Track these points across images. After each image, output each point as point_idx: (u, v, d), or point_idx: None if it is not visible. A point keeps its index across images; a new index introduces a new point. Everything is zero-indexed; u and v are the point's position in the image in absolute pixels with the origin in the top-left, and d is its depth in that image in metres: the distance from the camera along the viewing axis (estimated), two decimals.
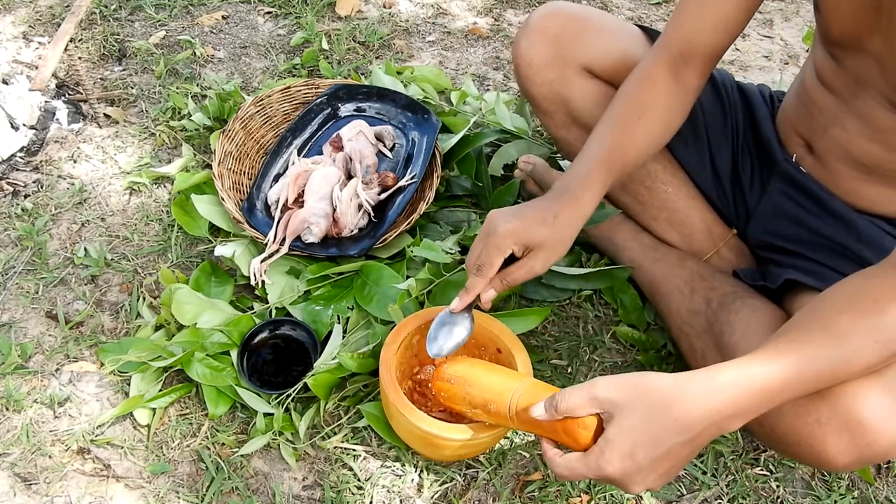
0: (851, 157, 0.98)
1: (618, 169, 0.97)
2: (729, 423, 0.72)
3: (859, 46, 0.89)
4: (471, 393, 0.92)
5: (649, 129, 0.99)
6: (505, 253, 0.92)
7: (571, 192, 0.95)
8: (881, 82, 0.89)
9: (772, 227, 1.11)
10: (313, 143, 1.42)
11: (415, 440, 1.01)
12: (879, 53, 0.87)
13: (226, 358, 1.12)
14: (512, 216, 0.93)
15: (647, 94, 1.00)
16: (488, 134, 1.42)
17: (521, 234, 0.92)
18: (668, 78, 1.00)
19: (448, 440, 0.94)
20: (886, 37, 0.85)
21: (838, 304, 0.75)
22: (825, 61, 0.96)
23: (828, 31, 0.93)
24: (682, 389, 0.71)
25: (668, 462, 0.71)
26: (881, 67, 0.88)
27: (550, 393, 0.80)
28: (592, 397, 0.73)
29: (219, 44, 1.75)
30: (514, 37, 1.18)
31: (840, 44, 0.92)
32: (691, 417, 0.70)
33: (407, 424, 0.94)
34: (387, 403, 0.99)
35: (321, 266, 1.22)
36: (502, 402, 0.86)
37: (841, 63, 0.94)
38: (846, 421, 0.77)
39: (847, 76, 0.94)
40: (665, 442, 0.70)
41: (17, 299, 1.22)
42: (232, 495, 1.02)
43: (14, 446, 1.05)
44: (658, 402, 0.70)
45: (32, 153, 1.47)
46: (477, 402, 0.91)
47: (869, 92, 0.91)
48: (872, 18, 0.85)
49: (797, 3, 2.05)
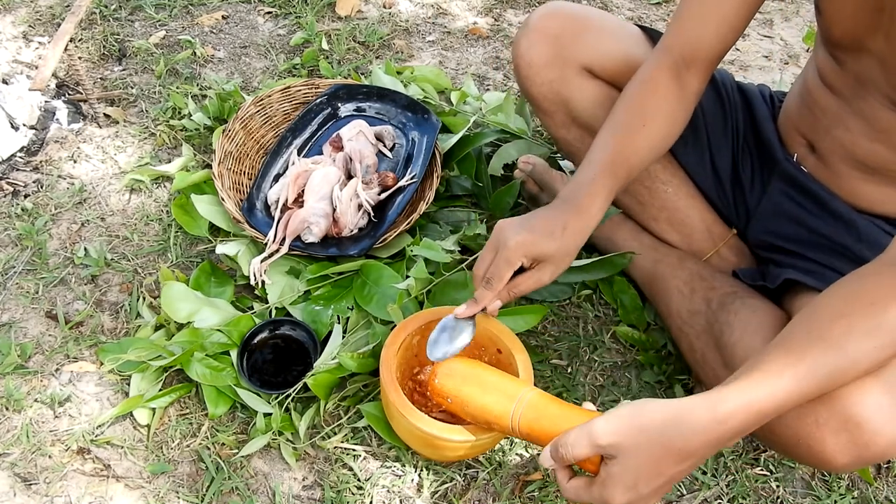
0: (854, 158, 0.98)
1: (623, 175, 0.97)
2: (728, 443, 0.74)
3: (861, 47, 0.89)
4: (470, 413, 0.92)
5: (652, 136, 0.99)
6: (515, 266, 0.92)
7: (579, 201, 0.94)
8: (884, 82, 0.89)
9: (772, 226, 1.11)
10: (313, 143, 1.42)
11: (415, 441, 1.01)
12: (881, 53, 0.87)
13: (226, 358, 1.12)
14: (521, 228, 0.92)
15: (649, 99, 0.99)
16: (488, 134, 1.42)
17: (530, 247, 0.92)
18: (671, 82, 0.99)
19: (448, 441, 0.94)
20: (888, 36, 0.85)
21: (835, 308, 0.75)
22: (827, 63, 0.96)
23: (829, 33, 0.93)
24: (683, 423, 0.72)
25: (668, 485, 0.74)
26: (883, 67, 0.88)
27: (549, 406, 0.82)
28: (595, 445, 0.74)
29: (219, 44, 1.75)
30: (514, 37, 1.18)
31: (842, 45, 0.92)
32: (692, 447, 0.72)
33: (407, 425, 0.94)
34: (387, 404, 0.99)
35: (321, 266, 1.22)
36: (503, 425, 0.88)
37: (843, 64, 0.94)
38: (845, 421, 0.77)
39: (849, 77, 0.94)
40: (666, 472, 0.73)
41: (17, 299, 1.22)
42: (232, 495, 1.02)
43: (14, 446, 1.05)
44: (659, 439, 0.72)
45: (32, 153, 1.47)
46: (479, 421, 0.92)
47: (871, 92, 0.91)
48: (874, 19, 0.85)
49: (797, 3, 2.05)
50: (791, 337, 0.75)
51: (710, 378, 1.01)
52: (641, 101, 0.99)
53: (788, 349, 0.74)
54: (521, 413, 0.86)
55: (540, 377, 1.16)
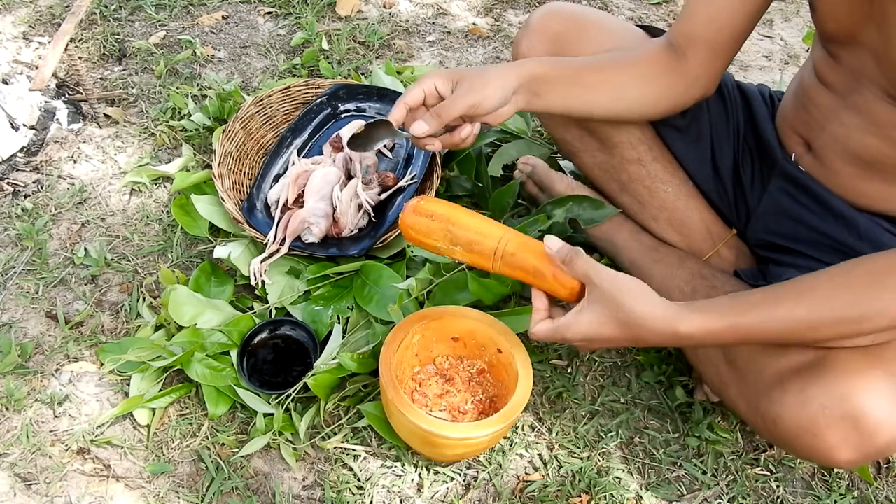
0: (850, 153, 0.98)
1: (537, 91, 1.01)
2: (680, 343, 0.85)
3: (854, 40, 0.90)
4: (453, 231, 0.92)
5: (627, 84, 1.04)
6: (426, 85, 0.97)
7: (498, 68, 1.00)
8: (878, 74, 0.89)
9: (772, 226, 1.11)
10: (313, 143, 1.42)
11: (415, 439, 1.01)
12: (874, 45, 0.87)
13: (226, 358, 1.12)
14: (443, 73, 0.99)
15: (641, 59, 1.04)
16: (488, 134, 1.42)
17: (444, 72, 0.98)
18: (668, 56, 1.03)
19: (447, 439, 0.94)
20: (881, 27, 0.85)
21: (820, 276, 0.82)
22: (823, 60, 0.97)
23: (824, 29, 0.94)
24: (646, 320, 0.82)
25: (613, 343, 0.87)
26: (877, 59, 0.88)
27: (537, 245, 0.90)
28: (585, 265, 0.86)
29: (219, 44, 1.75)
30: (515, 37, 1.18)
31: (836, 39, 0.93)
32: (644, 336, 0.84)
33: (407, 423, 0.95)
34: (387, 402, 0.99)
35: (321, 266, 1.22)
36: (488, 245, 0.91)
37: (838, 59, 0.94)
38: (847, 416, 0.77)
39: (844, 72, 0.94)
40: (616, 340, 0.85)
41: (17, 299, 1.22)
42: (232, 495, 1.02)
43: (14, 446, 1.05)
44: (624, 319, 0.83)
45: (32, 153, 1.47)
46: (460, 241, 0.92)
47: (866, 86, 0.92)
48: (866, 10, 0.86)
49: (797, 3, 2.05)
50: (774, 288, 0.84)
51: (712, 377, 1.01)
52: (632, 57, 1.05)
53: (766, 295, 0.82)
54: (511, 238, 0.91)
55: (540, 377, 1.16)
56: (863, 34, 0.88)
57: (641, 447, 1.11)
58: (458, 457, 1.05)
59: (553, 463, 1.08)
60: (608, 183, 1.23)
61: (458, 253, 0.93)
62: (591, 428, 1.12)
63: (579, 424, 1.12)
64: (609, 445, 1.10)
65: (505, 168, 1.43)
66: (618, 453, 1.10)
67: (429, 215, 0.94)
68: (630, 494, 1.05)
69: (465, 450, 1.00)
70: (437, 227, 0.93)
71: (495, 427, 0.94)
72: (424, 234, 0.94)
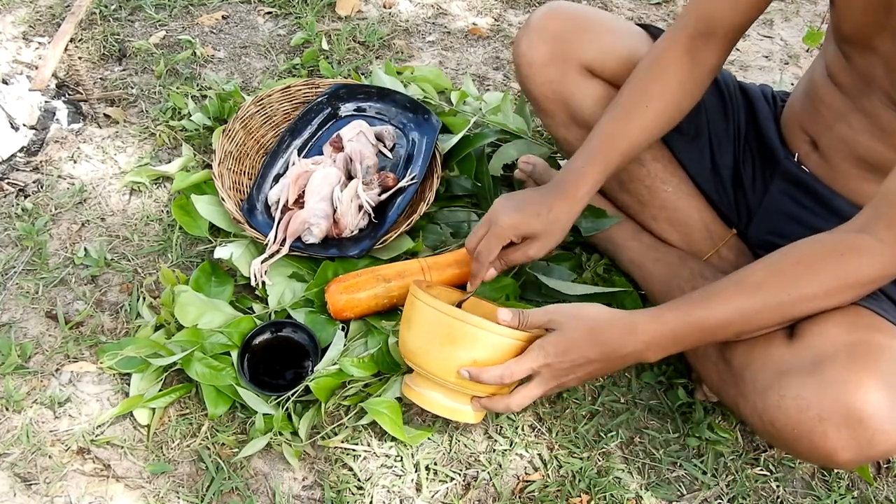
0: (856, 155, 0.98)
1: (615, 160, 1.03)
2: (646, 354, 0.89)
3: (868, 45, 0.89)
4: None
5: (653, 118, 1.04)
6: (504, 242, 1.04)
7: (566, 186, 1.04)
8: (887, 82, 0.89)
9: (773, 226, 1.11)
10: (313, 143, 1.42)
11: (434, 342, 0.94)
12: (887, 53, 0.87)
13: (226, 358, 1.12)
14: (512, 209, 1.04)
15: (656, 80, 1.03)
16: (488, 134, 1.42)
17: (519, 226, 1.03)
18: (683, 59, 1.02)
19: (475, 328, 0.91)
20: (894, 37, 0.85)
21: (755, 267, 0.87)
22: (836, 58, 0.97)
23: (840, 27, 0.93)
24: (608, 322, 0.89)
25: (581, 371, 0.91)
26: (887, 68, 0.88)
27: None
28: (547, 314, 0.92)
29: (219, 44, 1.75)
30: (515, 37, 1.18)
31: (851, 41, 0.93)
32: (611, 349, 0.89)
33: (431, 318, 0.93)
34: (411, 304, 0.96)
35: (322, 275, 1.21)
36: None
37: (851, 60, 0.94)
38: (847, 416, 0.77)
39: (855, 74, 0.94)
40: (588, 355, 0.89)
41: (17, 299, 1.22)
42: (232, 495, 1.02)
43: (14, 446, 1.05)
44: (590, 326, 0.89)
45: (32, 153, 1.47)
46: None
47: (875, 91, 0.92)
48: (882, 17, 0.85)
49: (797, 3, 2.05)
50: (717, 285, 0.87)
51: (712, 377, 1.01)
52: (647, 83, 1.04)
53: (711, 291, 0.87)
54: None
55: None
56: (877, 41, 0.88)
57: (641, 447, 1.11)
58: (474, 382, 0.94)
59: (553, 463, 1.08)
60: (608, 182, 1.23)
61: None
62: (591, 428, 1.12)
63: (579, 424, 1.12)
64: (609, 445, 1.10)
65: (505, 168, 1.43)
66: (618, 453, 1.10)
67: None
68: (630, 494, 1.05)
69: (488, 352, 0.92)
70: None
71: (520, 336, 0.92)
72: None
